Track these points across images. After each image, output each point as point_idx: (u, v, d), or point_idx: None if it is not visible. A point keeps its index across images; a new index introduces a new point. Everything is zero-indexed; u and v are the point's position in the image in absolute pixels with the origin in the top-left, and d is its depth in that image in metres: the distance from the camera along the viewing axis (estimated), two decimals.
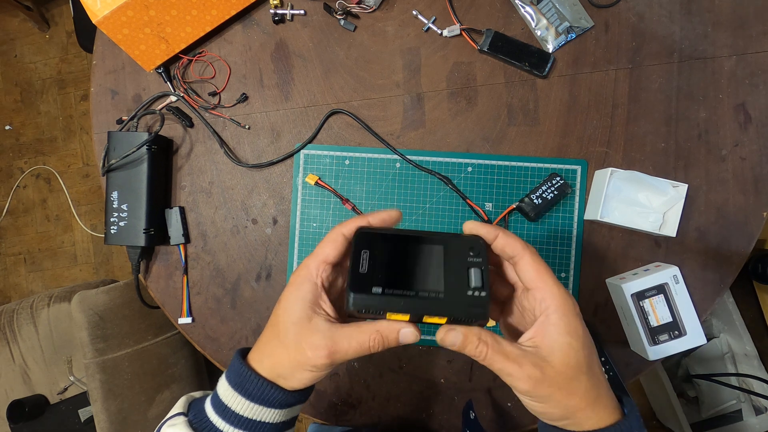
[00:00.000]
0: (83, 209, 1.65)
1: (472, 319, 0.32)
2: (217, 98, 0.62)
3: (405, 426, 0.61)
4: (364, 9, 0.60)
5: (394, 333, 0.32)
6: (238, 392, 0.34)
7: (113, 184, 0.58)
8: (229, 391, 0.34)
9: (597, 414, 0.32)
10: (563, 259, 0.59)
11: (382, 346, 0.32)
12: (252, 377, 0.34)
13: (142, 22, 0.55)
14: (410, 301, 0.32)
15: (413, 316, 0.32)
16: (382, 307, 0.31)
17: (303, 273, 0.34)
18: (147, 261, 0.63)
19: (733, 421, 1.16)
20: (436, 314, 0.31)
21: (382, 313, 0.32)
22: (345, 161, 0.61)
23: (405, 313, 0.32)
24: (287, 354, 0.33)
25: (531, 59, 0.59)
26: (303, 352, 0.32)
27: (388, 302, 0.31)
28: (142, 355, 0.86)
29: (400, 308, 0.31)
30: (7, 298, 1.68)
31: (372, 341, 0.32)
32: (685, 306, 0.54)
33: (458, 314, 0.32)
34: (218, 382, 0.36)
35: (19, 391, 1.00)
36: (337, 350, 0.32)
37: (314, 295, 0.34)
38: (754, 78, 0.58)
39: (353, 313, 0.32)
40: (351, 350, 0.32)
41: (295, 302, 0.33)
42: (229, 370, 0.35)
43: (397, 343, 0.32)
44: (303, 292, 0.33)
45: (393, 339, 0.32)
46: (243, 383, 0.34)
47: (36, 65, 1.69)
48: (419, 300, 0.32)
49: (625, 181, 0.56)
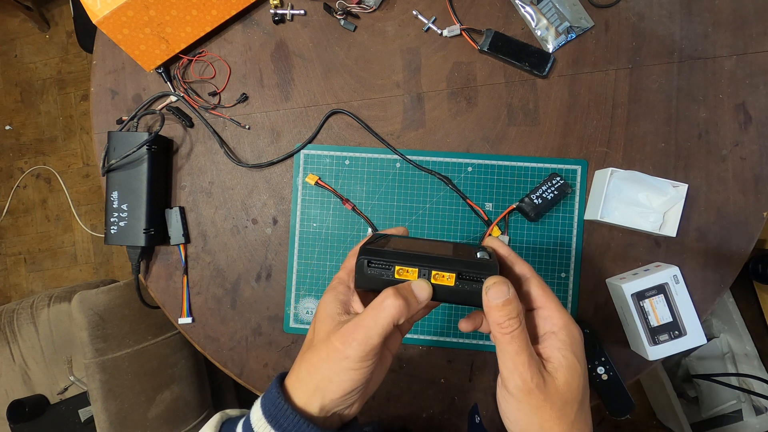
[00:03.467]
0: (83, 209, 1.65)
1: (482, 273, 0.31)
2: (217, 98, 0.62)
3: (405, 426, 0.61)
4: (364, 9, 0.60)
5: (408, 287, 0.32)
6: (270, 424, 0.31)
7: (113, 184, 0.58)
8: (262, 421, 0.32)
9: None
10: (563, 259, 0.59)
11: (400, 303, 0.31)
12: (287, 411, 0.31)
13: (142, 22, 0.55)
14: (419, 257, 0.32)
15: (422, 271, 0.32)
16: (391, 260, 0.32)
17: (335, 281, 0.36)
18: (147, 261, 0.63)
19: (733, 421, 1.16)
20: (445, 269, 0.31)
21: (391, 269, 0.32)
22: (345, 161, 0.61)
23: (414, 267, 0.32)
24: (318, 356, 0.31)
25: (531, 59, 0.59)
26: (332, 345, 0.31)
27: (397, 256, 0.32)
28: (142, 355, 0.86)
29: (408, 262, 0.32)
30: (7, 298, 1.68)
31: (390, 300, 0.31)
32: (685, 306, 0.54)
33: (468, 269, 0.31)
34: (253, 405, 0.34)
35: (19, 391, 1.00)
36: (361, 326, 0.31)
37: (347, 296, 0.34)
38: (754, 78, 0.58)
39: (363, 274, 0.33)
40: (376, 321, 0.30)
41: (329, 303, 0.34)
42: (265, 396, 0.33)
43: (414, 298, 0.32)
44: (336, 293, 0.34)
45: (408, 292, 0.31)
46: (277, 415, 0.31)
47: (36, 65, 1.69)
48: (428, 257, 0.32)
49: (625, 181, 0.56)
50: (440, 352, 0.60)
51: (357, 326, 0.31)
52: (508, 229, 0.60)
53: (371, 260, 0.32)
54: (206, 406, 0.95)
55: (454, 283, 0.32)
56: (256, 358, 0.62)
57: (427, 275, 0.32)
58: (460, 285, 0.32)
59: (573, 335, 0.32)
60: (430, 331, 0.60)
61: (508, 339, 0.30)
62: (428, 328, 0.61)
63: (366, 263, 0.32)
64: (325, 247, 0.61)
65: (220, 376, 1.04)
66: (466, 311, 0.60)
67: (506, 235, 0.59)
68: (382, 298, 0.31)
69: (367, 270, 0.33)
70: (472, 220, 0.60)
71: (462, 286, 0.32)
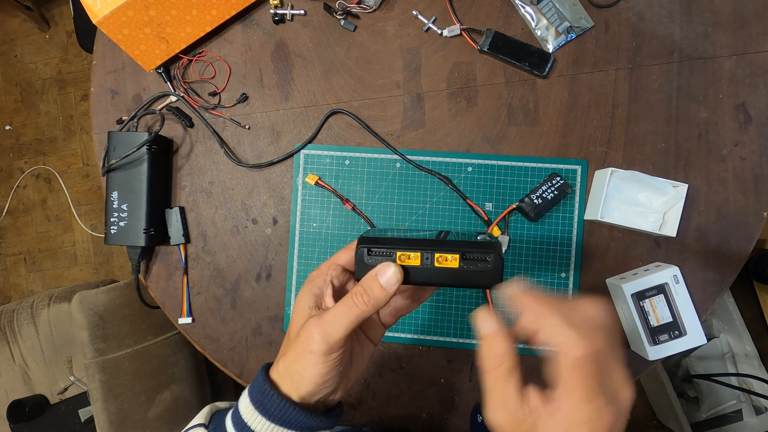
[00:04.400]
0: (83, 209, 1.65)
1: (487, 252, 0.30)
2: (217, 98, 0.62)
3: (405, 426, 0.61)
4: (364, 9, 0.60)
5: (375, 280, 0.31)
6: (258, 411, 0.32)
7: (113, 184, 0.58)
8: (250, 408, 0.33)
9: None
10: (563, 259, 0.59)
11: (368, 298, 0.31)
12: (274, 397, 0.32)
13: (142, 22, 0.55)
14: (420, 241, 0.31)
15: (425, 255, 0.31)
16: (392, 246, 0.31)
17: (315, 272, 0.35)
18: (147, 261, 0.63)
19: (733, 421, 1.16)
20: (448, 250, 0.30)
21: (392, 256, 0.31)
22: (345, 161, 0.61)
23: (416, 251, 0.31)
24: (292, 350, 0.32)
25: (531, 59, 0.59)
26: (299, 340, 0.32)
27: (397, 242, 0.31)
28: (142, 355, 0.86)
29: (410, 247, 0.31)
30: (7, 298, 1.68)
31: (356, 296, 0.31)
32: (685, 306, 0.54)
33: (472, 249, 0.30)
34: (241, 395, 0.35)
35: (19, 391, 1.00)
36: (324, 322, 0.31)
37: (321, 289, 0.34)
38: (754, 78, 0.58)
39: (364, 263, 0.31)
40: (339, 317, 0.31)
41: (303, 296, 0.34)
42: (252, 385, 0.34)
43: (382, 291, 0.31)
44: (312, 286, 0.34)
45: (377, 288, 0.31)
46: (264, 402, 0.32)
47: (36, 65, 1.69)
48: (429, 241, 0.31)
49: (625, 181, 0.56)
50: (440, 352, 0.60)
51: (320, 322, 0.31)
52: (508, 229, 0.60)
53: (371, 248, 0.31)
54: None
55: (458, 264, 0.31)
56: (256, 358, 0.62)
57: (430, 259, 0.31)
58: (465, 266, 0.31)
59: (569, 355, 0.27)
60: (431, 331, 0.60)
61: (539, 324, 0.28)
62: (428, 328, 0.61)
63: (366, 252, 0.31)
64: (325, 247, 0.61)
65: (220, 376, 1.04)
66: (466, 308, 0.60)
67: (506, 235, 0.59)
68: (350, 296, 0.31)
69: (367, 259, 0.32)
70: (472, 220, 0.60)
71: (467, 266, 0.31)
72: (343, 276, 0.36)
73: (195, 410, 0.97)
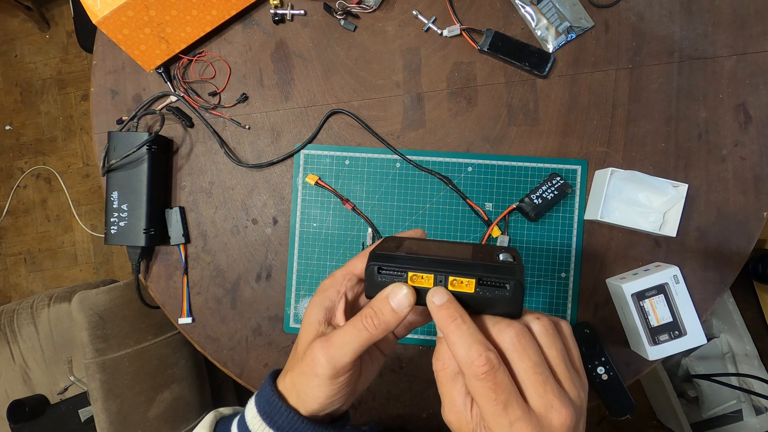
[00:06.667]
0: (83, 209, 1.65)
1: (505, 279, 0.28)
2: (217, 98, 0.62)
3: (405, 426, 0.61)
4: (364, 9, 0.60)
5: (386, 302, 0.29)
6: (266, 422, 0.31)
7: (113, 184, 0.58)
8: (257, 419, 0.32)
9: None
10: (563, 259, 0.59)
11: (378, 322, 0.29)
12: (282, 409, 0.31)
13: (142, 22, 0.55)
14: (434, 261, 0.29)
15: (438, 278, 0.29)
16: (404, 265, 0.29)
17: (328, 281, 0.33)
18: (147, 261, 0.63)
19: (733, 421, 1.16)
20: (464, 274, 0.28)
21: (404, 276, 0.29)
22: (345, 161, 0.61)
23: (429, 273, 0.29)
24: (298, 367, 0.31)
25: (531, 59, 0.59)
26: (305, 360, 0.30)
27: (410, 261, 0.29)
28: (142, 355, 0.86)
29: (423, 267, 0.28)
30: (7, 298, 1.68)
31: (365, 318, 0.29)
32: (685, 306, 0.54)
33: (489, 273, 0.28)
34: (247, 404, 0.33)
35: (19, 391, 1.00)
36: (332, 345, 0.29)
37: (333, 302, 0.32)
38: (754, 78, 0.58)
39: (374, 281, 0.29)
40: (347, 341, 0.29)
41: (314, 308, 0.32)
42: (259, 394, 0.33)
43: (393, 315, 0.29)
44: (323, 297, 0.33)
45: (387, 311, 0.29)
46: (272, 413, 0.31)
47: (36, 65, 1.69)
48: (444, 261, 0.29)
49: (625, 181, 0.56)
50: None
51: (326, 345, 0.30)
52: (508, 229, 0.60)
53: (382, 266, 0.29)
54: (206, 406, 0.95)
55: (474, 289, 0.28)
56: (256, 358, 0.62)
57: (444, 281, 0.28)
58: (481, 292, 0.28)
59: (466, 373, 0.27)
60: (431, 332, 0.60)
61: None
62: (428, 328, 0.61)
63: (376, 270, 0.29)
64: (325, 247, 0.61)
65: (220, 376, 1.04)
66: None
67: (506, 235, 0.59)
68: (360, 317, 0.29)
69: (377, 277, 0.29)
70: (472, 220, 0.60)
71: (483, 293, 0.28)
72: (357, 287, 0.34)
73: (195, 410, 0.97)
